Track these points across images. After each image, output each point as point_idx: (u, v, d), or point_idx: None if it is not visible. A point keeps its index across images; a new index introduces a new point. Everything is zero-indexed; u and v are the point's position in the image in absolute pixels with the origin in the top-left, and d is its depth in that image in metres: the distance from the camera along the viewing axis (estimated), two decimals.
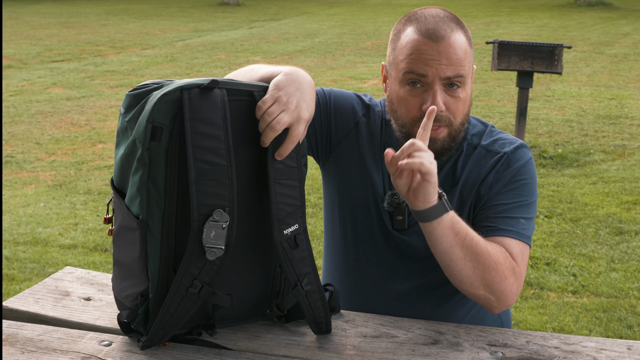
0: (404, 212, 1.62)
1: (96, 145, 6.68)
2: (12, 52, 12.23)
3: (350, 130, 1.68)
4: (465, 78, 1.53)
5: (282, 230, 1.36)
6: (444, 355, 1.41)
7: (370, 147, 1.66)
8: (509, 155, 1.60)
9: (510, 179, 1.59)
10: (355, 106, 1.70)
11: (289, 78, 1.40)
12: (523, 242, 1.56)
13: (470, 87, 1.57)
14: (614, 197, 5.15)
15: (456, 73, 1.50)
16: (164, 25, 16.26)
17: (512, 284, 1.50)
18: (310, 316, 1.44)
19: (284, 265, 1.39)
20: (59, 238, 4.51)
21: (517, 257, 1.53)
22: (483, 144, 1.63)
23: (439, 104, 1.50)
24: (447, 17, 1.54)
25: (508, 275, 1.49)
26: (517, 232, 1.55)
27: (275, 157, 1.36)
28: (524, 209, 1.57)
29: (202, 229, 1.29)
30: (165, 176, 1.32)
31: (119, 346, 1.41)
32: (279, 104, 1.35)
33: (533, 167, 1.62)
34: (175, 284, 1.33)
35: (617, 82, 9.37)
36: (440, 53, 1.50)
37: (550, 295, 3.72)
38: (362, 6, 20.80)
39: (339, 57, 11.52)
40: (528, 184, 1.60)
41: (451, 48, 1.50)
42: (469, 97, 1.57)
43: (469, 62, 1.54)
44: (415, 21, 1.54)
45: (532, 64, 5.90)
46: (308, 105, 1.40)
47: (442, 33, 1.50)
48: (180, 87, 1.30)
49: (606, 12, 17.96)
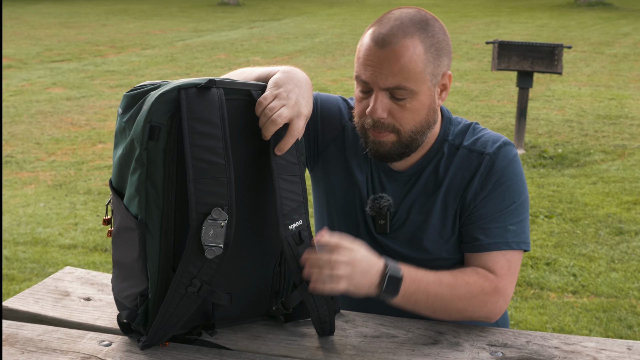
0: (385, 217, 1.61)
1: (96, 145, 6.68)
2: (12, 52, 12.23)
3: (337, 134, 1.67)
4: (412, 91, 1.46)
5: (287, 226, 1.37)
6: (444, 355, 1.41)
7: (355, 151, 1.65)
8: (491, 157, 1.56)
9: (495, 183, 1.55)
10: (341, 110, 1.69)
11: (287, 76, 1.42)
12: (513, 250, 1.54)
13: (427, 96, 1.50)
14: (614, 197, 5.15)
15: (396, 85, 1.45)
16: (164, 25, 16.26)
17: (495, 303, 1.51)
18: (315, 315, 1.44)
19: (290, 261, 1.39)
20: (59, 238, 4.51)
21: (502, 271, 1.52)
22: (465, 145, 1.59)
23: (377, 111, 1.47)
24: (411, 21, 1.47)
25: (488, 300, 1.50)
26: (505, 243, 1.54)
27: (275, 152, 1.37)
28: (512, 214, 1.55)
29: (201, 228, 1.29)
30: (163, 176, 1.32)
31: (119, 346, 1.41)
32: (279, 100, 1.36)
33: (518, 165, 1.58)
34: (175, 283, 1.33)
35: (617, 82, 9.37)
36: (382, 61, 1.45)
37: (550, 295, 3.72)
38: (362, 6, 20.80)
39: (339, 57, 11.53)
40: (513, 185, 1.56)
41: (394, 57, 1.44)
42: (425, 105, 1.50)
43: (420, 71, 1.46)
44: (377, 24, 1.50)
45: (532, 64, 5.90)
46: (307, 101, 1.42)
47: (390, 39, 1.44)
48: (178, 87, 1.30)
49: (606, 12, 17.96)
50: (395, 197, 1.62)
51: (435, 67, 1.49)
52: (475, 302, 1.49)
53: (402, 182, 1.62)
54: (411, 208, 1.60)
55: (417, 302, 1.46)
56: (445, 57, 1.51)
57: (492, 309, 1.51)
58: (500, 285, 1.51)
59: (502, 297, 1.51)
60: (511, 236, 1.54)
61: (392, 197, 1.62)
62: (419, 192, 1.60)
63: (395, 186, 1.62)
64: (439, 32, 1.50)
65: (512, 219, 1.55)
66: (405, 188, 1.61)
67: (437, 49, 1.49)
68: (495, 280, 1.52)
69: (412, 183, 1.61)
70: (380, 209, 1.61)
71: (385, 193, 1.62)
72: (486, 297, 1.50)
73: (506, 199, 1.55)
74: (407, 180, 1.61)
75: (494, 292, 1.51)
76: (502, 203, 1.55)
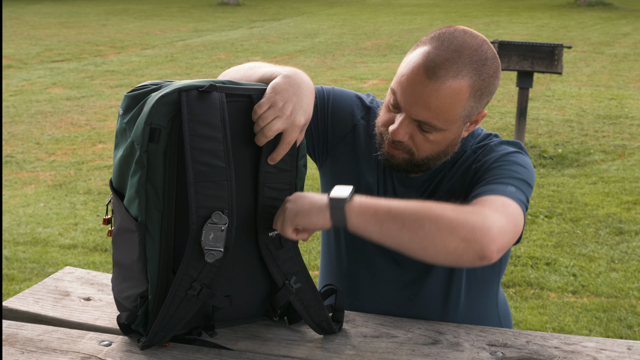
0: None
1: (96, 145, 6.68)
2: (12, 52, 12.22)
3: (347, 133, 1.65)
4: (440, 129, 1.44)
5: (266, 232, 1.38)
6: (444, 355, 1.41)
7: (367, 151, 1.63)
8: (490, 145, 1.53)
9: (497, 158, 1.49)
10: (354, 108, 1.66)
11: (288, 81, 1.38)
12: (509, 198, 1.37)
13: (454, 133, 1.47)
14: (614, 197, 5.15)
15: (426, 120, 1.42)
16: (164, 25, 16.26)
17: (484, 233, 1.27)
18: (306, 316, 1.44)
19: (269, 265, 1.41)
20: (59, 238, 4.51)
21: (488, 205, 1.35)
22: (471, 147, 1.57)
23: (399, 134, 1.44)
24: (470, 59, 1.40)
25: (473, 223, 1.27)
26: (503, 192, 1.39)
27: (268, 161, 1.37)
28: (515, 181, 1.43)
29: (201, 231, 1.29)
30: (163, 178, 1.31)
31: (119, 346, 1.41)
32: (274, 109, 1.34)
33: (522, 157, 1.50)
34: (175, 286, 1.33)
35: (617, 82, 9.37)
36: (421, 93, 1.40)
37: (550, 295, 3.72)
38: (362, 6, 20.80)
39: (339, 57, 11.52)
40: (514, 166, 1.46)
41: (435, 94, 1.39)
42: (448, 140, 1.47)
43: (455, 114, 1.42)
44: (435, 44, 1.42)
45: (532, 64, 5.90)
46: (305, 110, 1.38)
47: (439, 73, 1.38)
48: (179, 89, 1.30)
49: (606, 12, 17.96)
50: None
51: (473, 109, 1.46)
52: (457, 224, 1.26)
53: (415, 188, 1.59)
54: None
55: (385, 232, 1.30)
56: (487, 97, 1.46)
57: (477, 244, 1.26)
58: (487, 218, 1.29)
59: (487, 231, 1.27)
60: (511, 191, 1.40)
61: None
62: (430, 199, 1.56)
63: (407, 191, 1.60)
64: (493, 74, 1.44)
65: (514, 183, 1.42)
66: (417, 194, 1.59)
67: (482, 93, 1.44)
68: (481, 212, 1.31)
69: (424, 189, 1.59)
70: None
71: (395, 196, 1.59)
72: (471, 217, 1.28)
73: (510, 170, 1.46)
74: (420, 186, 1.59)
75: (481, 219, 1.29)
76: (506, 171, 1.45)
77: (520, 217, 1.38)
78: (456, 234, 1.28)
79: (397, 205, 1.32)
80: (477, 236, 1.27)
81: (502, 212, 1.34)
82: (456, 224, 1.28)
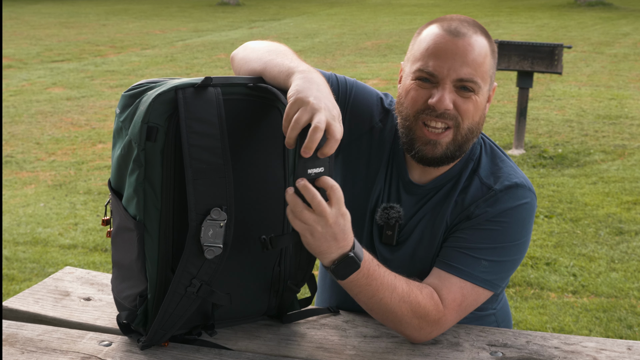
0: (393, 228, 1.57)
1: (96, 145, 6.69)
2: (12, 52, 12.23)
3: (363, 134, 1.62)
4: (479, 86, 1.46)
5: (306, 169, 1.24)
6: (444, 355, 1.41)
7: (379, 155, 1.61)
8: (496, 194, 1.51)
9: (489, 218, 1.50)
10: (373, 110, 1.63)
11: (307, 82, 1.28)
12: (474, 285, 1.47)
13: (484, 98, 1.49)
14: (614, 197, 5.15)
15: (469, 75, 1.44)
16: (164, 25, 16.26)
17: (429, 332, 1.44)
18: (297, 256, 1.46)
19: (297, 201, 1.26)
20: (59, 238, 4.51)
21: (453, 305, 1.45)
22: (481, 175, 1.55)
23: (444, 101, 1.44)
24: (473, 22, 1.50)
25: (424, 327, 1.43)
26: (469, 274, 1.46)
27: (319, 155, 1.23)
28: (494, 253, 1.48)
29: (200, 228, 1.29)
30: (161, 176, 1.31)
31: (118, 346, 1.41)
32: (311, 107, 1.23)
33: (524, 211, 1.52)
34: (174, 283, 1.33)
35: (617, 82, 9.37)
36: (457, 49, 1.44)
37: (550, 295, 3.72)
38: (362, 6, 20.80)
39: (339, 57, 11.52)
40: (509, 230, 1.50)
41: (469, 47, 1.45)
42: (482, 106, 1.49)
43: (486, 70, 1.47)
44: (439, 20, 1.51)
45: (532, 64, 5.90)
46: (333, 103, 1.28)
47: (464, 31, 1.46)
48: (175, 87, 1.30)
49: (606, 12, 17.96)
50: (408, 210, 1.58)
51: (493, 73, 1.50)
52: (413, 323, 1.42)
53: (419, 196, 1.58)
54: (419, 223, 1.57)
55: (359, 294, 1.38)
56: (496, 67, 1.53)
57: (422, 335, 1.44)
58: (443, 320, 1.44)
59: (438, 329, 1.45)
60: (480, 270, 1.47)
61: (405, 210, 1.58)
62: (431, 208, 1.56)
63: (410, 199, 1.58)
64: (495, 48, 1.53)
65: (491, 256, 1.48)
66: (421, 202, 1.58)
67: (494, 56, 1.51)
68: (442, 312, 1.44)
69: (428, 198, 1.57)
70: (389, 220, 1.57)
71: (399, 204, 1.58)
72: (424, 323, 1.43)
73: (496, 238, 1.49)
74: (425, 194, 1.58)
75: (434, 323, 1.44)
76: (488, 240, 1.49)
77: (476, 304, 1.50)
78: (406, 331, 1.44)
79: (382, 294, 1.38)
80: (416, 340, 1.46)
81: (456, 309, 1.46)
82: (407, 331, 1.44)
